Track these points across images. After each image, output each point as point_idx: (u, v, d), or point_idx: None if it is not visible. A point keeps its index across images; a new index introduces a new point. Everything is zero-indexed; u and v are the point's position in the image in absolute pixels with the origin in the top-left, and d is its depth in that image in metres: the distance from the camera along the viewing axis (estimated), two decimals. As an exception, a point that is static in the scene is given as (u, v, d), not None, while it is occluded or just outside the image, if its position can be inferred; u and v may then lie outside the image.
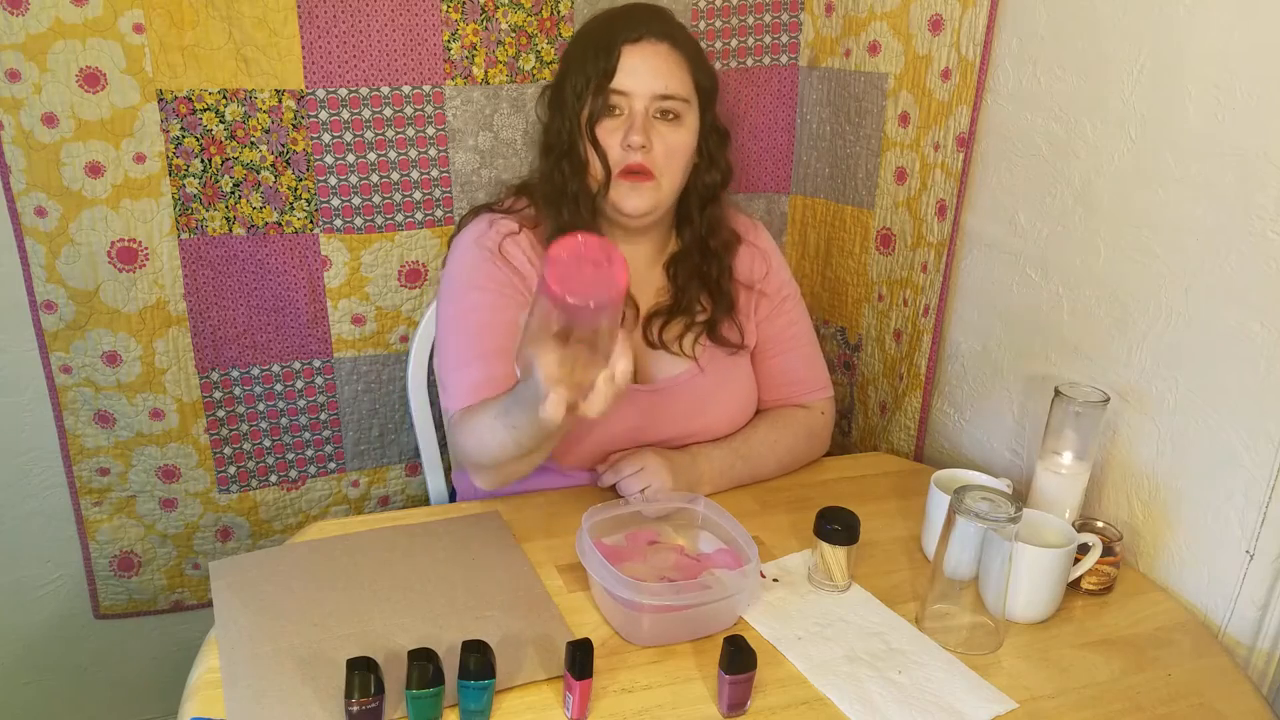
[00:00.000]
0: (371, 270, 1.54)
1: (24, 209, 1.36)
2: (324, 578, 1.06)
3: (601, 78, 1.17)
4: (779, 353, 1.35)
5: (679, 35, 1.21)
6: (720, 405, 1.29)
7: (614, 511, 1.09)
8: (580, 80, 1.18)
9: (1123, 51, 1.15)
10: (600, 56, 1.17)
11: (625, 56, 1.17)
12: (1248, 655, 1.08)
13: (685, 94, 1.20)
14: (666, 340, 1.27)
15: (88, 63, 1.33)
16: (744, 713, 0.90)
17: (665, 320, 1.28)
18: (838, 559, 1.07)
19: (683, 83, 1.20)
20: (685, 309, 1.28)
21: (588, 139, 1.18)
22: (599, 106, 1.18)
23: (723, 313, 1.30)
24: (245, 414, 1.56)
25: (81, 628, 1.63)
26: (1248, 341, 1.04)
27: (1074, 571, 1.08)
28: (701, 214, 1.29)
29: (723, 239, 1.30)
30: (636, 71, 1.17)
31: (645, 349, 1.27)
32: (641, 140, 1.16)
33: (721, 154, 1.28)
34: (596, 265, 0.81)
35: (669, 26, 1.21)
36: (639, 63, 1.17)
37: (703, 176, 1.27)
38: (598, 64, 1.17)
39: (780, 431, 1.33)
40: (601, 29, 1.21)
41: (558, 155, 1.22)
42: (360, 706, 0.81)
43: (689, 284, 1.29)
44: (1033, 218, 1.30)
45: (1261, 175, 1.01)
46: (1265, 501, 1.04)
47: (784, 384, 1.36)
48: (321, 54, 1.41)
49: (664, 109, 1.18)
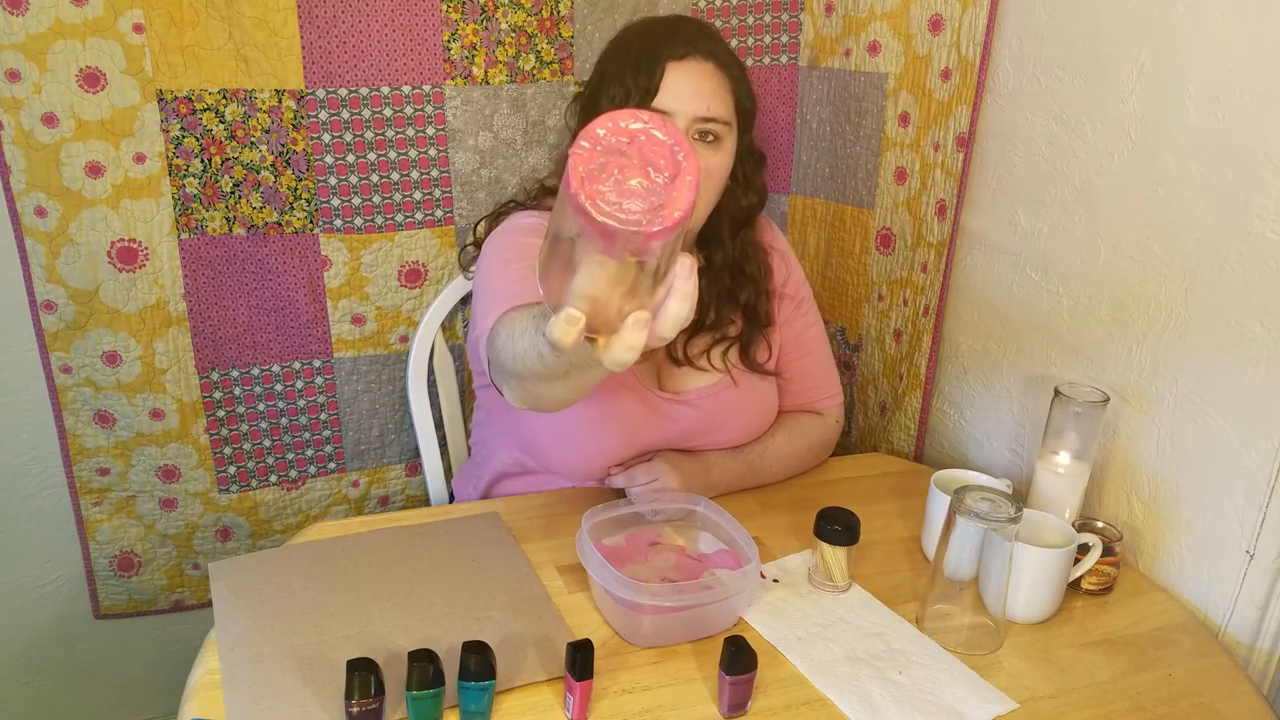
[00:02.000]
0: (371, 270, 1.54)
1: (24, 209, 1.36)
2: (324, 578, 1.06)
3: (644, 95, 1.12)
4: (799, 356, 1.35)
5: (724, 54, 1.17)
6: (745, 416, 1.28)
7: (614, 512, 1.09)
8: (619, 93, 1.14)
9: (1123, 51, 1.15)
10: (643, 72, 1.13)
11: (669, 74, 1.12)
12: (1248, 655, 1.08)
13: (727, 117, 1.15)
14: (692, 356, 1.26)
15: (88, 63, 1.32)
16: (744, 713, 0.90)
17: (689, 336, 1.25)
18: (838, 559, 1.07)
19: (725, 105, 1.15)
20: (711, 326, 1.26)
21: None
22: None
23: (757, 333, 1.29)
24: (245, 414, 1.56)
25: (81, 628, 1.63)
26: (1248, 341, 1.04)
27: (1074, 571, 1.08)
28: (735, 238, 1.26)
29: (758, 262, 1.28)
30: (680, 92, 1.13)
31: (670, 365, 1.26)
32: None
33: (757, 176, 1.25)
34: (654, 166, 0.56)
35: (714, 45, 1.16)
36: (683, 82, 1.13)
37: (738, 200, 1.24)
38: (639, 80, 1.12)
39: (795, 443, 1.33)
40: (645, 41, 1.16)
41: None
42: (360, 708, 0.81)
43: (718, 304, 1.27)
44: (1033, 218, 1.30)
45: (1261, 175, 1.01)
46: (1265, 501, 1.04)
47: (802, 389, 1.36)
48: (321, 54, 1.41)
49: (704, 130, 1.14)
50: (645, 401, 1.22)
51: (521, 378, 0.86)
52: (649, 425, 1.22)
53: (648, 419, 1.21)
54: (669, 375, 1.26)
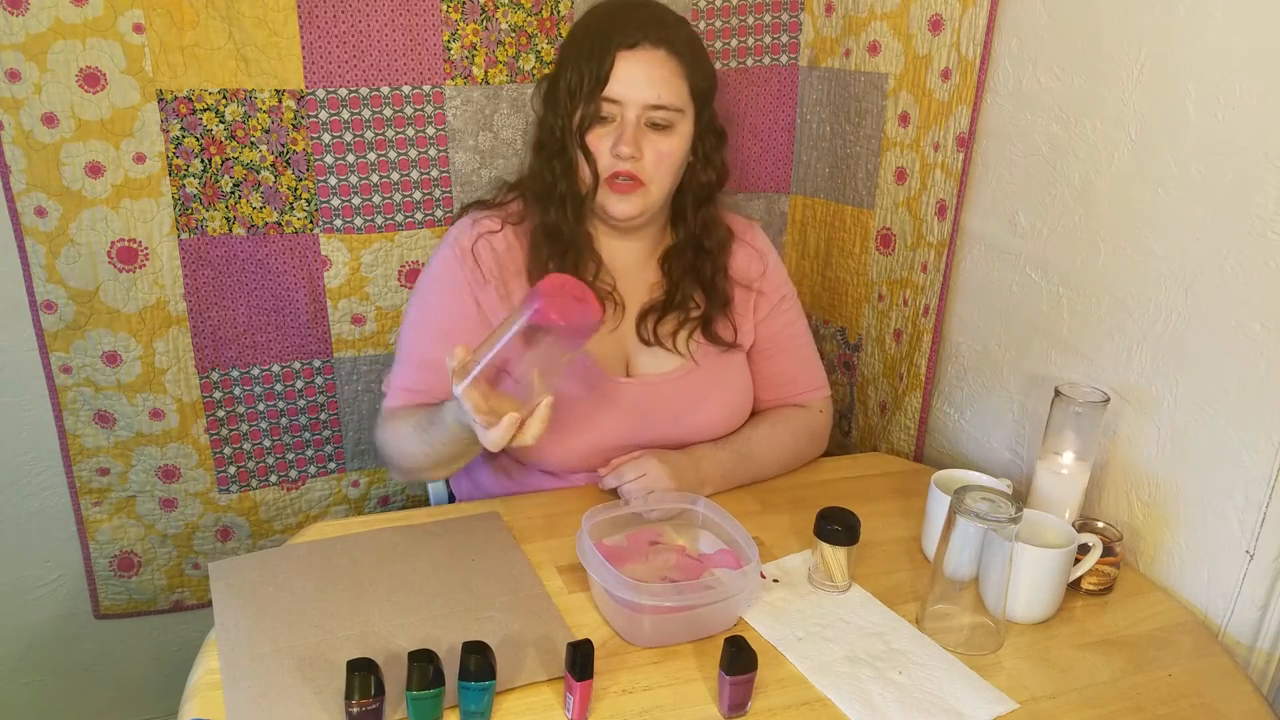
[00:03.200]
0: (371, 270, 1.54)
1: (24, 209, 1.36)
2: (324, 579, 1.06)
3: (594, 84, 1.15)
4: (777, 353, 1.35)
5: (677, 39, 1.18)
6: (714, 403, 1.28)
7: (614, 512, 1.09)
8: (574, 78, 1.16)
9: (1123, 51, 1.15)
10: (594, 60, 1.15)
11: (619, 63, 1.14)
12: (1248, 655, 1.08)
13: (679, 103, 1.17)
14: (661, 336, 1.27)
15: (88, 63, 1.32)
16: (745, 713, 0.90)
17: (659, 316, 1.27)
18: (838, 559, 1.07)
19: (677, 91, 1.17)
20: (679, 304, 1.28)
21: (578, 144, 1.17)
22: (590, 112, 1.16)
23: (717, 309, 1.30)
24: (245, 414, 1.56)
25: (81, 628, 1.63)
26: (1248, 341, 1.04)
27: (1074, 572, 1.08)
28: (696, 213, 1.28)
29: (717, 238, 1.29)
30: (630, 80, 1.15)
31: (639, 345, 1.27)
32: (631, 151, 1.15)
33: (717, 154, 1.26)
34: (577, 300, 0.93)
35: (667, 30, 1.18)
36: (633, 70, 1.15)
37: (698, 176, 1.25)
38: (591, 68, 1.15)
39: (780, 431, 1.33)
40: (598, 28, 1.18)
41: (549, 154, 1.21)
42: (360, 708, 0.81)
43: (682, 280, 1.28)
44: (1033, 218, 1.30)
45: (1261, 175, 1.01)
46: (1265, 501, 1.04)
47: (782, 384, 1.36)
48: (321, 54, 1.41)
49: (655, 120, 1.16)
50: (603, 390, 1.23)
51: (407, 471, 1.21)
52: (613, 408, 1.23)
53: (609, 403, 1.23)
54: (637, 358, 1.27)
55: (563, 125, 1.18)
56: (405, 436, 1.16)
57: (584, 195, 1.20)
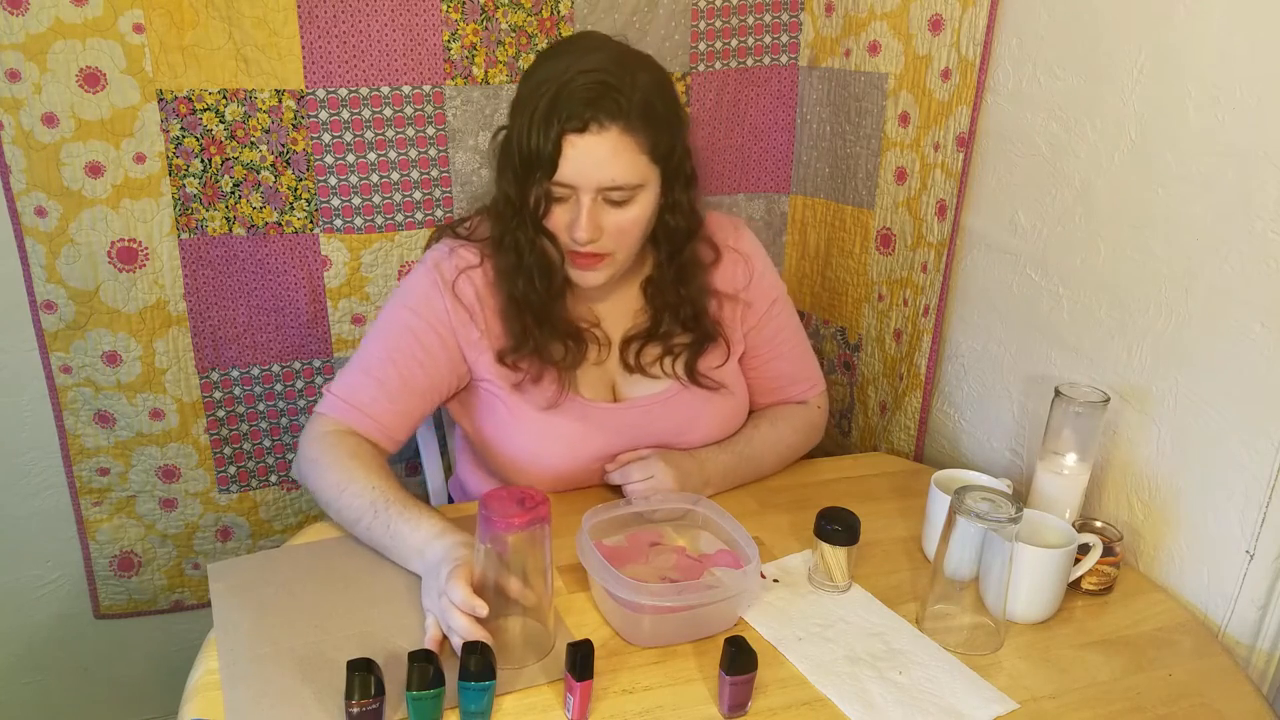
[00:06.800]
0: (371, 270, 1.54)
1: (24, 209, 1.36)
2: (323, 579, 1.06)
3: (546, 167, 1.07)
4: (771, 358, 1.35)
5: (632, 109, 1.07)
6: (706, 421, 1.27)
7: (614, 512, 1.09)
8: (523, 157, 1.09)
9: (1123, 51, 1.15)
10: (542, 139, 1.06)
11: (568, 147, 1.06)
12: (1248, 655, 1.08)
13: (635, 180, 1.09)
14: (645, 364, 1.25)
15: (88, 63, 1.32)
16: (745, 713, 0.90)
17: (642, 344, 1.25)
18: (838, 559, 1.07)
19: (630, 167, 1.08)
20: (662, 336, 1.25)
21: (536, 229, 1.12)
22: (542, 194, 1.10)
23: (703, 345, 1.26)
24: (245, 414, 1.56)
25: (81, 628, 1.63)
26: (1248, 341, 1.04)
27: (1074, 572, 1.08)
28: (671, 262, 1.22)
29: (698, 284, 1.24)
30: (580, 166, 1.07)
31: (624, 372, 1.26)
32: (588, 235, 1.09)
33: (686, 198, 1.18)
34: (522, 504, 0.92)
35: (620, 100, 1.06)
36: (583, 157, 1.07)
37: (667, 225, 1.18)
38: (541, 147, 1.06)
39: (781, 429, 1.33)
40: (547, 102, 1.06)
41: (511, 224, 1.14)
42: (360, 708, 0.81)
43: (663, 313, 1.24)
44: (1033, 218, 1.30)
45: (1261, 175, 1.01)
46: (1265, 501, 1.04)
47: (779, 387, 1.36)
48: (321, 54, 1.41)
49: (613, 198, 1.10)
50: (588, 416, 1.22)
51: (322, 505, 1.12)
52: (596, 433, 1.22)
53: (590, 433, 1.22)
54: (624, 383, 1.26)
55: (519, 195, 1.11)
56: (347, 503, 1.08)
57: (552, 269, 1.16)
